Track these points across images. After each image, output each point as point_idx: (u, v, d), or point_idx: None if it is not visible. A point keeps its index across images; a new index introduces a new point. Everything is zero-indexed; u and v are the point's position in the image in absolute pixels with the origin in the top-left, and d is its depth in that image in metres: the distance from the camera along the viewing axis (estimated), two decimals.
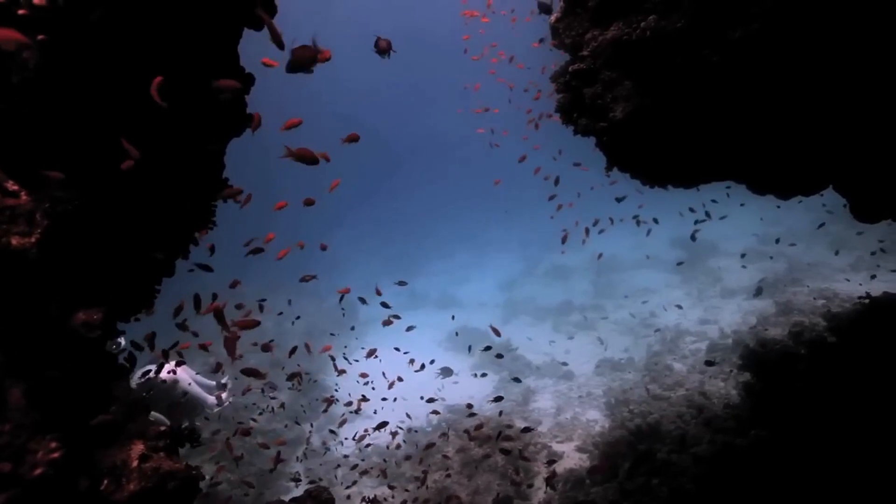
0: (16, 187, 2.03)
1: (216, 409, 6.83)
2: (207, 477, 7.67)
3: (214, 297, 4.86)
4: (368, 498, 4.76)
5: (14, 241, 1.93)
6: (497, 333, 9.09)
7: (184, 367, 6.35)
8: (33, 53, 2.23)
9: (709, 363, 6.73)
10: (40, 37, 2.28)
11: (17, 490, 1.71)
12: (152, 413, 5.53)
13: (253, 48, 4.12)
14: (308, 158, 3.79)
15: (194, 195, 3.21)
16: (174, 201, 3.00)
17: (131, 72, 2.63)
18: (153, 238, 2.95)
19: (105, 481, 2.16)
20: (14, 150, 2.25)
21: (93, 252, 2.53)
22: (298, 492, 6.62)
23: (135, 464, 2.25)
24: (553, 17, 5.07)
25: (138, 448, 2.30)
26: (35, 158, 2.30)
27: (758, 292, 12.32)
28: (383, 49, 5.03)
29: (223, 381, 7.05)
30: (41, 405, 1.88)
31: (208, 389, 6.79)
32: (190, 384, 6.40)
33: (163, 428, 2.42)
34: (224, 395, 6.86)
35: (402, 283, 10.69)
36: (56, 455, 1.81)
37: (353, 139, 4.64)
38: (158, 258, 3.03)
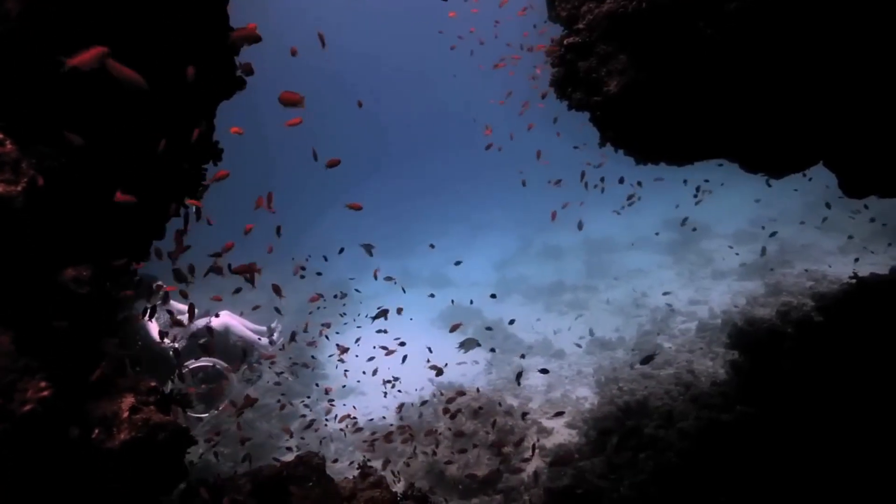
0: (0, 135, 2.01)
1: (269, 352, 7.18)
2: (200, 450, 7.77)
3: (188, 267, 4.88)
4: (360, 464, 4.85)
5: (0, 189, 1.92)
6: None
7: (230, 313, 6.74)
8: (16, 3, 2.18)
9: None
10: None
11: (6, 425, 1.73)
12: (209, 359, 5.84)
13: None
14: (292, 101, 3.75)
15: (185, 157, 3.19)
16: (166, 162, 2.98)
17: (122, 21, 2.58)
18: (143, 200, 2.94)
19: (96, 430, 2.19)
20: None
21: (83, 209, 2.52)
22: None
23: (125, 415, 2.28)
24: None
25: (129, 401, 2.32)
26: (21, 112, 2.27)
27: (763, 252, 12.71)
28: None
29: (272, 325, 7.39)
30: (30, 353, 1.89)
31: (259, 334, 7.10)
32: (242, 330, 6.73)
33: (153, 384, 2.45)
34: (275, 337, 7.18)
35: (431, 246, 11.37)
36: (46, 394, 1.82)
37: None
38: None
